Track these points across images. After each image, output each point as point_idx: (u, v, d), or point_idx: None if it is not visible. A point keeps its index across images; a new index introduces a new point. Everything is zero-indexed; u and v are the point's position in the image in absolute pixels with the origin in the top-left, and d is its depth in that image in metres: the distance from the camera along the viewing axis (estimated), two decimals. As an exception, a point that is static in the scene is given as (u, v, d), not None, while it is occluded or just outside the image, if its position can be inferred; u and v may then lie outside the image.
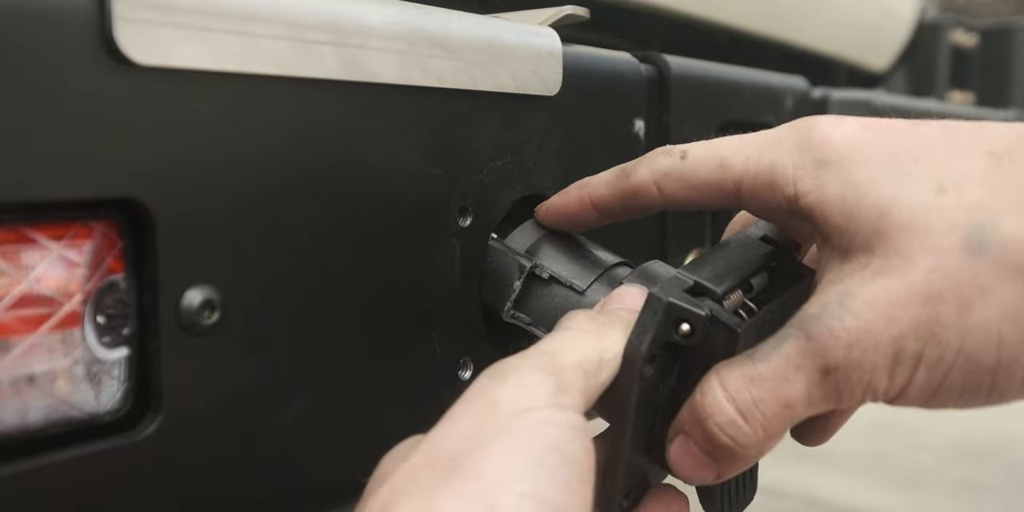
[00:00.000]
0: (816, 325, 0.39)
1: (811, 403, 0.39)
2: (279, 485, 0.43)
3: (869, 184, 0.39)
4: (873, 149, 0.40)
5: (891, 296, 0.37)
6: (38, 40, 0.33)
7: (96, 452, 0.36)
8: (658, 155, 0.47)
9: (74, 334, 0.36)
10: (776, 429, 0.40)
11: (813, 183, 0.41)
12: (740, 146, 0.45)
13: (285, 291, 0.42)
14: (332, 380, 0.45)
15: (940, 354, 0.37)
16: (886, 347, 0.37)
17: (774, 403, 0.39)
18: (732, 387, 0.40)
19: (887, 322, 0.37)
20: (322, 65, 0.42)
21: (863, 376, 0.38)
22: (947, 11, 2.41)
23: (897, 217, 0.38)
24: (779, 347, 0.40)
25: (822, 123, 0.43)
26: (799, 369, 0.39)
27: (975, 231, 0.37)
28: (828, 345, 0.38)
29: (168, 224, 0.37)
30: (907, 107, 1.10)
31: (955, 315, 0.36)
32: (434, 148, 0.49)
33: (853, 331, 0.38)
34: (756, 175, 0.43)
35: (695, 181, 0.45)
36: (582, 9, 0.59)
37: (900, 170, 0.39)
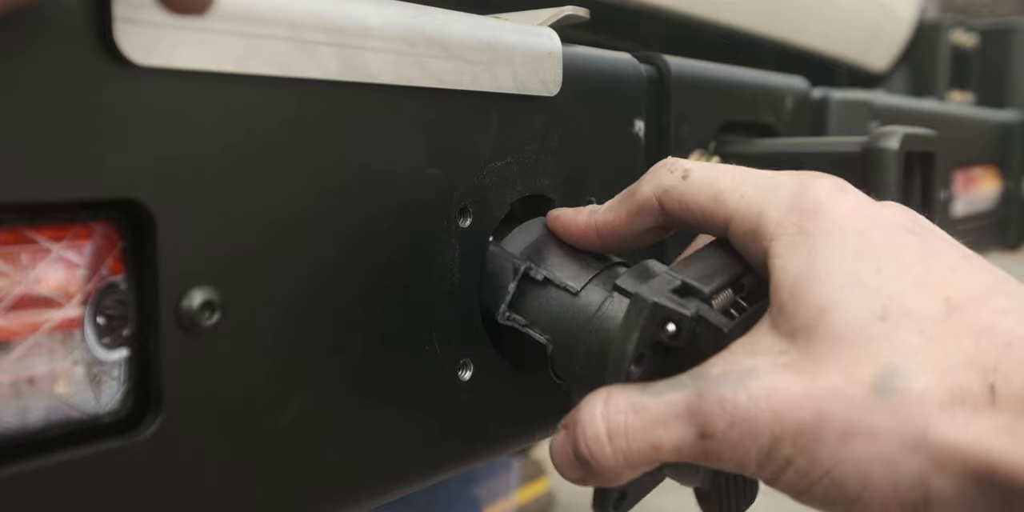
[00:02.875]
0: (711, 390, 0.39)
1: (679, 454, 0.39)
2: (279, 485, 0.43)
3: (825, 275, 0.38)
4: (851, 239, 0.39)
5: (789, 396, 0.37)
6: (38, 41, 0.33)
7: (96, 453, 0.36)
8: (661, 170, 0.47)
9: (74, 335, 0.36)
10: (637, 462, 0.40)
11: (785, 248, 0.40)
12: (740, 182, 0.44)
13: (285, 292, 0.42)
14: (332, 381, 0.45)
15: (809, 468, 0.37)
16: (764, 441, 0.37)
17: (644, 440, 0.40)
18: (613, 408, 0.41)
19: (774, 419, 0.37)
20: (322, 66, 0.42)
21: (735, 455, 0.38)
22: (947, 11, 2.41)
23: (830, 323, 0.37)
24: (671, 391, 0.40)
25: (823, 187, 0.41)
26: (678, 420, 0.39)
27: (889, 373, 0.36)
28: (714, 414, 0.38)
29: (168, 225, 0.37)
30: (907, 107, 1.10)
31: (836, 440, 0.36)
32: (434, 149, 0.49)
33: (741, 412, 0.38)
34: (743, 219, 0.43)
35: (691, 205, 0.45)
36: (582, 9, 0.59)
37: (860, 274, 0.38)
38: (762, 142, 0.81)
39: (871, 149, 0.72)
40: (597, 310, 0.49)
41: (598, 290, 0.51)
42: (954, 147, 1.29)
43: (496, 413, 0.55)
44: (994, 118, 1.52)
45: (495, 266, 0.53)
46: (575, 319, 0.50)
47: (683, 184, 0.45)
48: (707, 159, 0.74)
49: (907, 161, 0.74)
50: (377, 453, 0.48)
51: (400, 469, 0.49)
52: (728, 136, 0.78)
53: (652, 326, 0.42)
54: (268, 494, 0.42)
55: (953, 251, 0.40)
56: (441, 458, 0.52)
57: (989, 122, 1.49)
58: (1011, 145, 1.56)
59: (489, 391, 0.54)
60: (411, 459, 0.50)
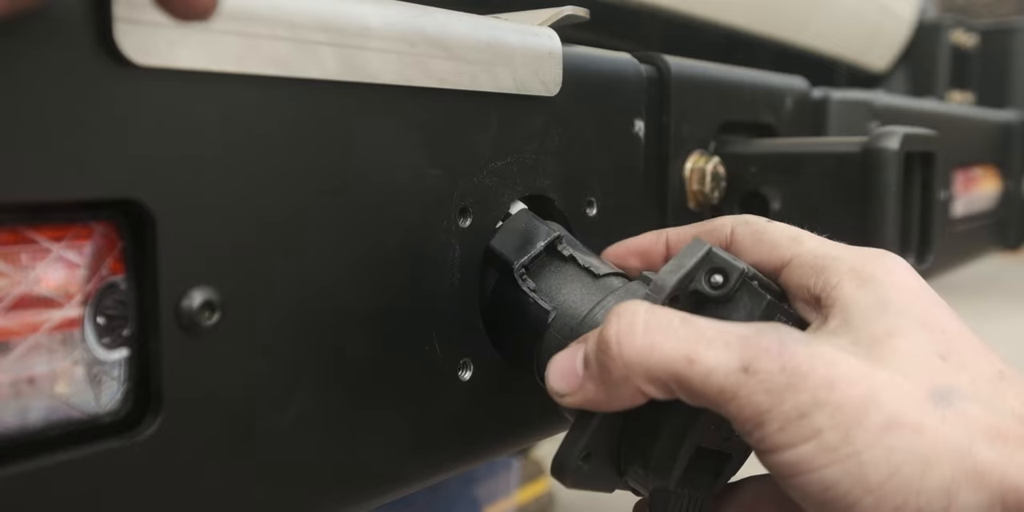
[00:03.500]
0: (773, 332, 0.39)
1: (706, 380, 0.38)
2: (279, 485, 0.43)
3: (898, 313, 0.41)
4: (919, 303, 0.42)
5: (848, 369, 0.38)
6: (38, 40, 0.33)
7: (96, 453, 0.36)
8: (748, 215, 0.50)
9: (74, 335, 0.36)
10: (658, 366, 0.39)
11: (855, 286, 0.42)
12: (818, 236, 0.47)
13: (285, 292, 0.42)
14: (332, 380, 0.45)
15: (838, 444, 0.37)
16: (803, 401, 0.37)
17: (682, 347, 0.39)
18: (661, 311, 0.40)
19: (825, 383, 0.37)
20: (322, 66, 0.42)
21: (765, 402, 0.37)
22: (947, 11, 2.41)
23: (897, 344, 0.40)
24: (728, 324, 0.40)
25: (897, 261, 0.44)
26: (727, 346, 0.38)
27: (949, 390, 0.38)
28: (769, 351, 0.38)
29: (168, 225, 0.37)
30: (907, 107, 1.10)
31: (879, 426, 0.37)
32: (434, 149, 0.49)
33: (796, 360, 0.38)
34: (814, 256, 0.45)
35: (764, 237, 0.47)
36: (582, 9, 0.59)
37: (927, 325, 0.41)
38: (762, 142, 0.81)
39: (871, 149, 0.72)
40: (614, 291, 0.49)
41: (620, 280, 0.51)
42: (954, 147, 1.29)
43: (496, 413, 0.55)
44: (994, 118, 1.52)
45: (525, 225, 0.53)
46: (588, 297, 0.50)
47: (764, 222, 0.49)
48: (707, 159, 0.74)
49: (907, 161, 0.74)
50: (377, 453, 0.48)
51: (400, 469, 0.49)
52: (728, 136, 0.78)
53: (701, 269, 0.42)
54: (268, 494, 0.42)
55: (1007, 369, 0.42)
56: (441, 458, 0.52)
57: (989, 122, 1.49)
58: (1011, 145, 1.57)
59: (489, 391, 0.54)
60: (411, 459, 0.50)
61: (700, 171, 0.73)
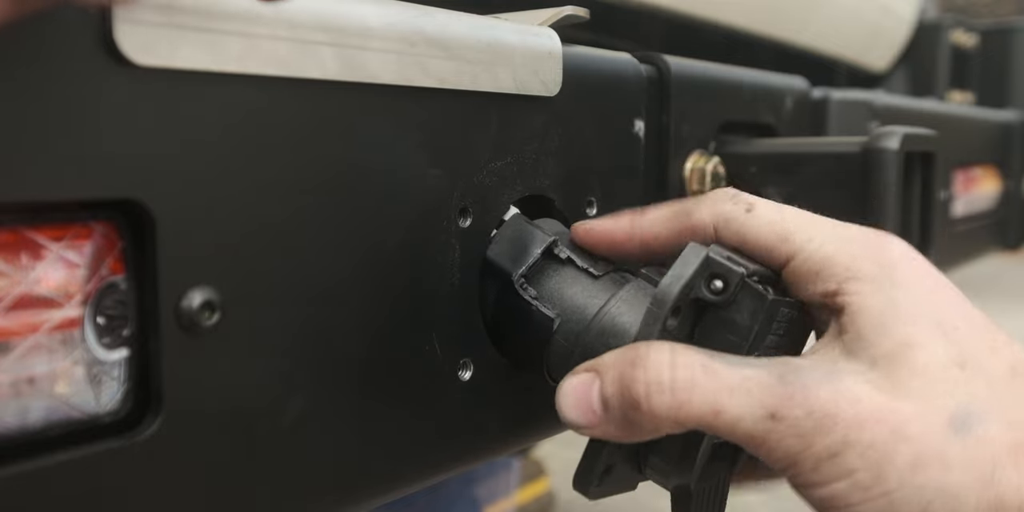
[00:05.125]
0: (796, 375, 0.39)
1: (735, 429, 0.39)
2: (279, 485, 0.43)
3: (910, 318, 0.40)
4: (928, 297, 0.42)
5: (872, 406, 0.38)
6: (38, 40, 0.33)
7: (96, 453, 0.36)
8: (722, 199, 0.47)
9: (74, 335, 0.36)
10: (686, 421, 0.39)
11: (858, 288, 0.42)
12: (808, 226, 0.45)
13: (285, 292, 0.42)
14: (332, 381, 0.45)
15: (871, 484, 0.37)
16: (833, 442, 0.38)
17: (708, 401, 0.39)
18: (684, 360, 0.40)
19: (853, 423, 0.38)
20: (322, 66, 0.42)
21: (795, 446, 0.38)
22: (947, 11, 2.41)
23: (915, 358, 0.39)
24: (750, 366, 0.40)
25: (896, 247, 0.43)
26: (750, 395, 0.39)
27: (965, 414, 0.38)
28: (793, 398, 0.38)
29: (168, 225, 0.37)
30: (907, 107, 1.10)
31: (906, 464, 0.37)
32: (434, 149, 0.49)
33: (821, 404, 0.38)
34: (808, 259, 0.43)
35: (751, 239, 0.45)
36: (582, 9, 0.59)
37: (942, 326, 0.40)
38: (762, 142, 0.81)
39: (871, 149, 0.72)
40: (616, 293, 0.49)
41: (619, 278, 0.51)
42: (954, 147, 1.29)
43: (496, 413, 0.55)
44: (994, 118, 1.52)
45: (519, 232, 0.52)
46: (591, 300, 0.50)
47: (746, 216, 0.46)
48: (707, 159, 0.74)
49: (907, 161, 0.74)
50: (377, 453, 0.48)
51: (400, 469, 0.49)
52: (728, 136, 0.78)
53: (701, 277, 0.42)
54: (268, 494, 0.42)
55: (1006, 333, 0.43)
56: (441, 458, 0.52)
57: (989, 122, 1.49)
58: (1011, 145, 1.57)
59: (489, 391, 0.54)
60: (411, 459, 0.50)
61: (700, 171, 0.73)
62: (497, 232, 0.53)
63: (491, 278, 0.53)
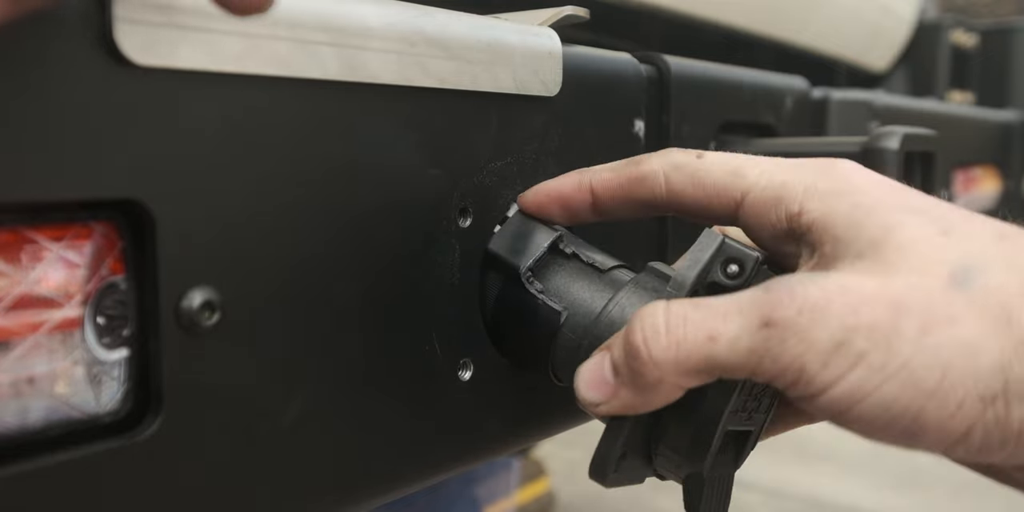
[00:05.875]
0: (779, 283, 0.39)
1: (735, 349, 0.38)
2: (279, 485, 0.43)
3: (881, 208, 0.40)
4: (887, 194, 0.41)
5: (863, 290, 0.38)
6: (38, 40, 0.33)
7: (96, 453, 0.36)
8: (673, 151, 0.48)
9: (74, 335, 0.36)
10: (688, 357, 0.39)
11: (820, 204, 0.42)
12: (758, 161, 0.45)
13: (285, 292, 0.42)
14: (332, 381, 0.45)
15: (885, 360, 0.36)
16: (834, 331, 0.37)
17: (702, 328, 0.39)
18: (675, 306, 0.40)
19: (847, 310, 0.37)
20: (322, 66, 0.42)
21: (797, 346, 0.37)
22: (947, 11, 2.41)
23: (898, 237, 0.39)
24: (736, 295, 0.40)
25: (847, 164, 0.43)
26: (741, 312, 0.39)
27: (964, 269, 0.38)
28: (782, 301, 0.38)
29: (168, 225, 0.37)
30: (907, 107, 1.10)
31: (915, 331, 0.36)
32: (434, 149, 0.49)
33: (811, 300, 0.38)
34: (765, 188, 0.44)
35: (705, 180, 0.46)
36: (582, 9, 0.59)
37: (915, 208, 0.40)
38: (762, 142, 0.81)
39: (871, 149, 0.72)
40: (624, 286, 0.49)
41: (626, 272, 0.51)
42: (954, 147, 1.29)
43: (496, 413, 0.55)
44: (994, 118, 1.52)
45: (524, 227, 0.53)
46: (598, 293, 0.50)
47: (697, 162, 0.46)
48: (707, 159, 0.74)
49: (907, 161, 0.74)
50: (377, 453, 0.48)
51: (400, 469, 0.49)
52: (728, 136, 0.78)
53: (717, 261, 0.43)
54: (268, 494, 0.42)
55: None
56: (441, 458, 0.52)
57: (989, 122, 1.49)
58: (1011, 145, 1.57)
59: (489, 391, 0.54)
60: (411, 459, 0.50)
61: (700, 171, 0.73)
62: (500, 227, 0.53)
63: (494, 273, 0.53)
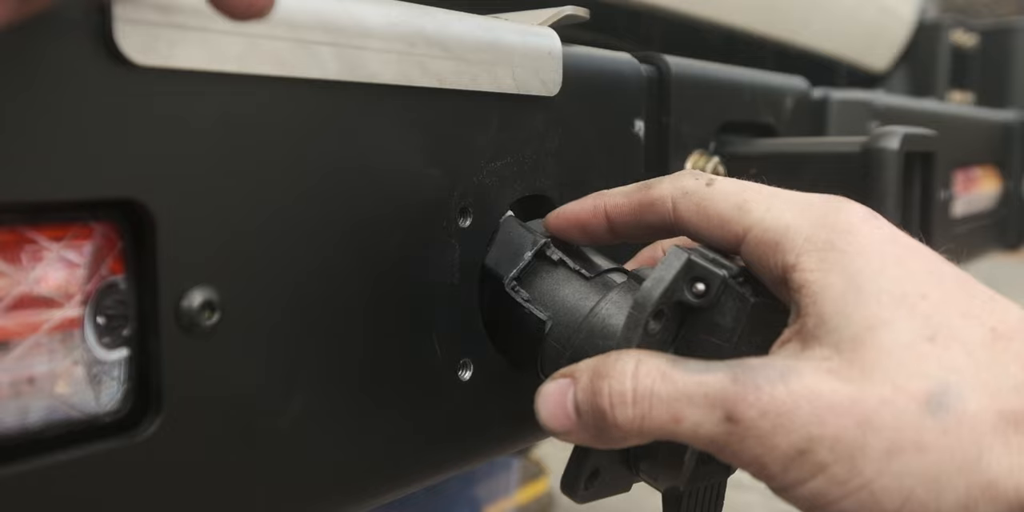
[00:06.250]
0: (748, 376, 0.38)
1: (696, 434, 0.38)
2: (279, 485, 0.43)
3: (873, 295, 0.38)
4: (891, 263, 0.39)
5: (833, 399, 0.36)
6: (38, 40, 0.33)
7: (96, 453, 0.36)
8: (685, 175, 0.47)
9: (74, 335, 0.36)
10: (651, 431, 0.39)
11: (818, 263, 0.40)
12: (767, 196, 0.44)
13: (285, 292, 0.42)
14: (332, 381, 0.45)
15: (847, 477, 0.36)
16: (797, 439, 0.36)
17: (666, 410, 0.39)
18: (644, 369, 0.40)
19: (813, 419, 0.36)
20: (322, 66, 0.42)
21: (756, 448, 0.37)
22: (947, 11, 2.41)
23: (880, 339, 0.37)
24: (706, 371, 0.39)
25: (856, 212, 0.41)
26: (706, 400, 0.38)
27: (942, 391, 0.36)
28: (746, 398, 0.37)
29: (168, 225, 0.37)
30: (907, 107, 1.10)
31: (881, 452, 0.35)
32: (434, 149, 0.49)
33: (776, 404, 0.37)
34: (767, 230, 0.42)
35: (710, 210, 0.44)
36: (582, 9, 0.59)
37: (907, 298, 0.38)
38: (762, 142, 0.81)
39: (871, 149, 0.72)
40: (607, 295, 0.49)
41: (617, 276, 0.51)
42: (954, 147, 1.29)
43: (496, 413, 0.55)
44: (994, 118, 1.52)
45: (512, 235, 0.53)
46: (581, 301, 0.50)
47: (706, 190, 0.45)
48: (707, 159, 0.74)
49: (907, 161, 0.74)
50: (377, 453, 0.48)
51: (400, 469, 0.49)
52: (728, 136, 0.78)
53: (682, 280, 0.42)
54: (268, 494, 0.42)
55: (981, 287, 0.40)
56: (441, 458, 0.52)
57: (989, 122, 1.49)
58: (1011, 145, 1.56)
59: (489, 391, 0.54)
60: (411, 459, 0.50)
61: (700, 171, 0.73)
62: (494, 237, 0.53)
63: (488, 281, 0.53)
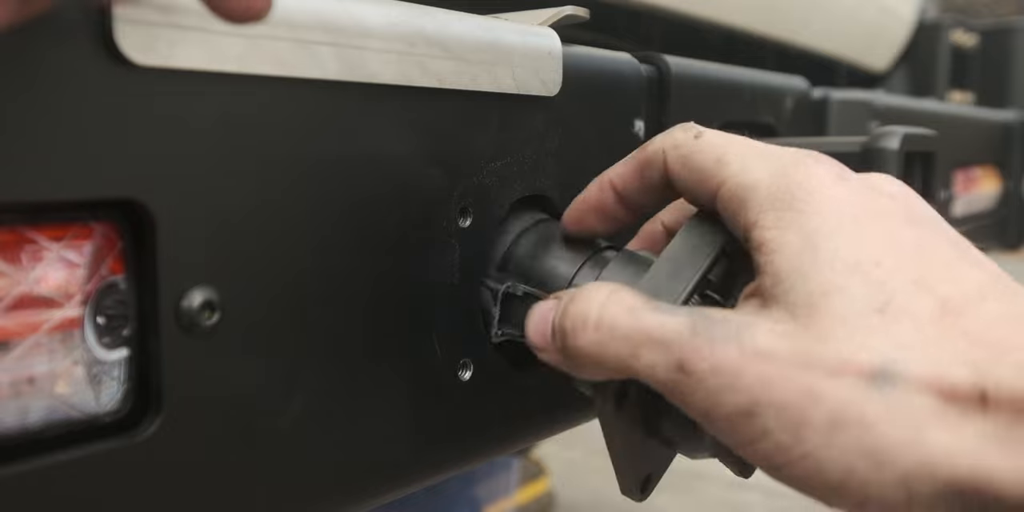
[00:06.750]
0: (707, 329, 0.38)
1: (650, 374, 0.38)
2: (279, 485, 0.43)
3: (827, 260, 0.38)
4: (849, 226, 0.39)
5: (783, 365, 0.36)
6: (38, 40, 0.33)
7: (96, 453, 0.36)
8: (676, 129, 0.47)
9: (74, 335, 0.36)
10: (609, 360, 0.39)
11: (775, 221, 0.40)
12: (747, 150, 0.43)
13: (285, 292, 0.42)
14: (332, 381, 0.45)
15: (791, 444, 0.36)
16: (742, 401, 0.36)
17: (625, 342, 0.39)
18: (615, 299, 0.40)
19: (761, 382, 0.36)
20: (322, 66, 0.42)
21: (704, 402, 0.37)
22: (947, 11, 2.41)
23: (832, 307, 0.37)
24: (672, 314, 0.39)
25: (820, 170, 0.41)
26: (663, 346, 0.38)
27: (887, 366, 0.36)
28: (700, 351, 0.37)
29: (168, 225, 0.37)
30: (907, 107, 1.10)
31: (824, 423, 0.35)
32: (434, 149, 0.49)
33: (727, 362, 0.37)
34: (737, 185, 0.42)
35: (692, 163, 0.44)
36: (582, 9, 0.59)
37: (861, 265, 0.38)
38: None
39: (871, 149, 0.72)
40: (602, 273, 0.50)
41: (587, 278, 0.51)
42: (954, 147, 1.29)
43: (496, 413, 0.55)
44: (994, 118, 1.52)
45: (483, 300, 0.53)
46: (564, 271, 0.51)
47: (692, 142, 0.45)
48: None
49: (907, 161, 0.74)
50: (377, 453, 0.48)
51: (400, 469, 0.49)
52: (728, 136, 0.78)
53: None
54: (268, 494, 0.42)
55: (948, 244, 0.39)
56: (441, 458, 0.52)
57: (989, 122, 1.49)
58: (1011, 145, 1.57)
59: (489, 391, 0.54)
60: (411, 459, 0.50)
61: (700, 171, 0.73)
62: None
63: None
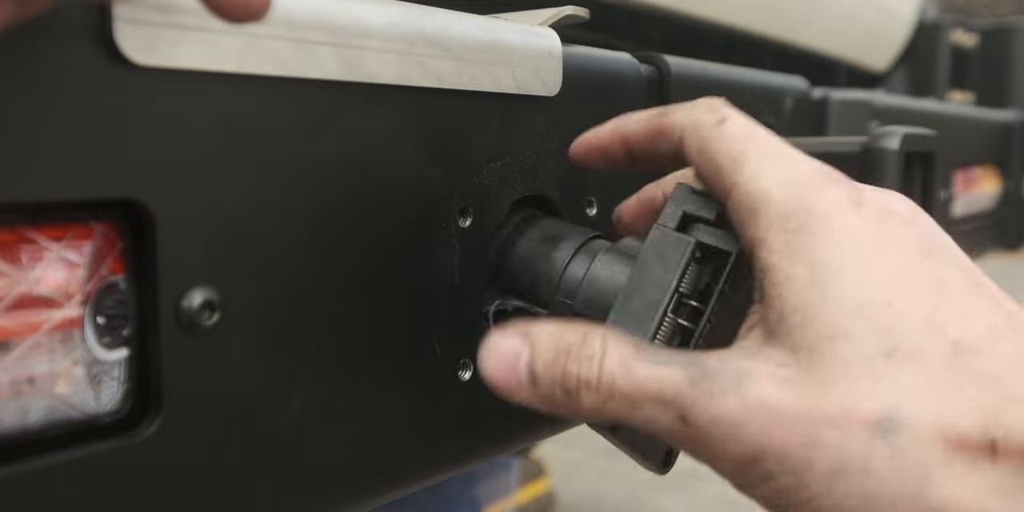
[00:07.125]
0: (704, 380, 0.37)
1: (654, 424, 0.38)
2: (279, 485, 0.43)
3: (836, 299, 0.37)
4: (861, 261, 0.37)
5: (784, 415, 0.36)
6: (38, 40, 0.33)
7: (96, 453, 0.36)
8: (700, 106, 0.44)
9: (74, 335, 0.36)
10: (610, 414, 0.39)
11: (784, 244, 0.38)
12: (767, 152, 0.41)
13: (285, 292, 0.42)
14: (332, 381, 0.45)
15: (796, 489, 0.36)
16: (746, 449, 0.36)
17: (625, 400, 0.38)
18: (609, 357, 0.39)
19: (762, 431, 0.36)
20: (322, 66, 0.42)
21: (707, 452, 0.37)
22: (947, 11, 2.41)
23: (837, 352, 0.36)
24: (667, 365, 0.38)
25: (837, 193, 0.39)
26: (662, 397, 0.37)
27: (892, 414, 0.35)
28: (700, 402, 0.37)
29: (168, 225, 0.37)
30: (907, 107, 1.10)
31: (827, 470, 0.35)
32: (434, 149, 0.49)
33: (728, 414, 0.36)
34: (747, 193, 0.40)
35: (710, 153, 0.42)
36: (582, 9, 0.59)
37: (871, 305, 0.36)
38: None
39: (871, 149, 0.72)
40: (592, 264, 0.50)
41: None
42: (954, 147, 1.29)
43: (496, 413, 0.55)
44: (994, 118, 1.52)
45: None
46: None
47: (713, 129, 0.42)
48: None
49: (907, 161, 0.74)
50: (377, 453, 0.48)
51: (400, 469, 0.50)
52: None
53: None
54: (268, 494, 0.42)
55: (962, 278, 0.38)
56: (441, 458, 0.52)
57: (989, 122, 1.49)
58: (1011, 145, 1.57)
59: (489, 391, 0.54)
60: (411, 459, 0.50)
61: (700, 171, 0.73)
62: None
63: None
